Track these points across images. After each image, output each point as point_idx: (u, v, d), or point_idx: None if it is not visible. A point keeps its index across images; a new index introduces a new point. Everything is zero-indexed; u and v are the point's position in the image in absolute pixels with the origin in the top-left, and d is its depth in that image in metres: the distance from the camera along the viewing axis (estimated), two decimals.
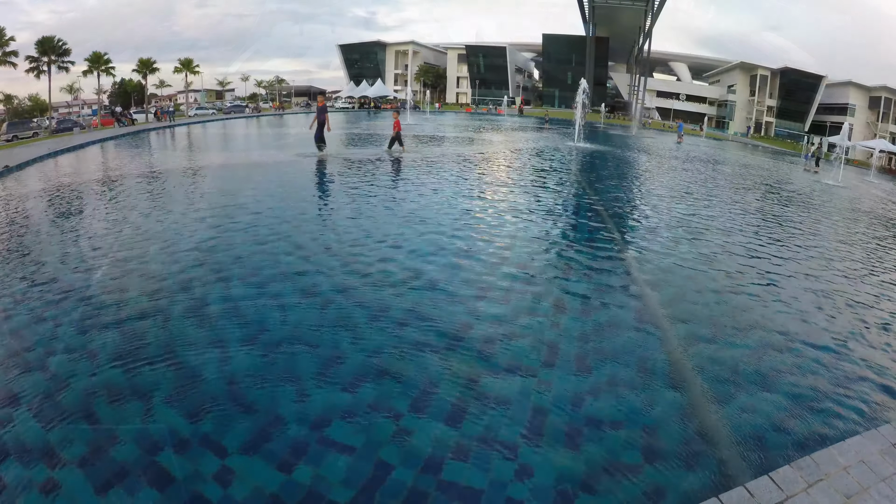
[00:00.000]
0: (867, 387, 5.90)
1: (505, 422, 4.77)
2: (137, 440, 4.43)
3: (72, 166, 23.63)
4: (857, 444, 4.39)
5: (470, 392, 5.19)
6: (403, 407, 4.95)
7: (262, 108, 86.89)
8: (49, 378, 5.32)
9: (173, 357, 5.68)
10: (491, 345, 6.17)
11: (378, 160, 22.68)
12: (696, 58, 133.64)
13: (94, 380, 5.27)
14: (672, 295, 8.22)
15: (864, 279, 10.56)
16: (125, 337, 6.13)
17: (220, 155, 26.88)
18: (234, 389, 5.14)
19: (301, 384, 5.27)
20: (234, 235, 10.41)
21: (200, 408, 4.86)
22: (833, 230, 16.09)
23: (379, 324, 6.61)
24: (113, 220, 12.08)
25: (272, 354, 5.82)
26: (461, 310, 7.09)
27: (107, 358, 5.65)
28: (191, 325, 6.46)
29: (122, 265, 8.67)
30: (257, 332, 6.31)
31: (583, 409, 5.07)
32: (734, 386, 5.62)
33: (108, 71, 58.39)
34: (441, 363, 5.71)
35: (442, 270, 8.52)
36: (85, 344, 5.98)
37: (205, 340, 6.07)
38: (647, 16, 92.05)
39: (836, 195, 25.52)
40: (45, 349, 5.92)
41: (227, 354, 5.76)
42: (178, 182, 17.84)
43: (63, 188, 16.89)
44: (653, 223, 13.78)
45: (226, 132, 44.28)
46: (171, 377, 5.32)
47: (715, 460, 4.47)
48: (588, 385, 5.48)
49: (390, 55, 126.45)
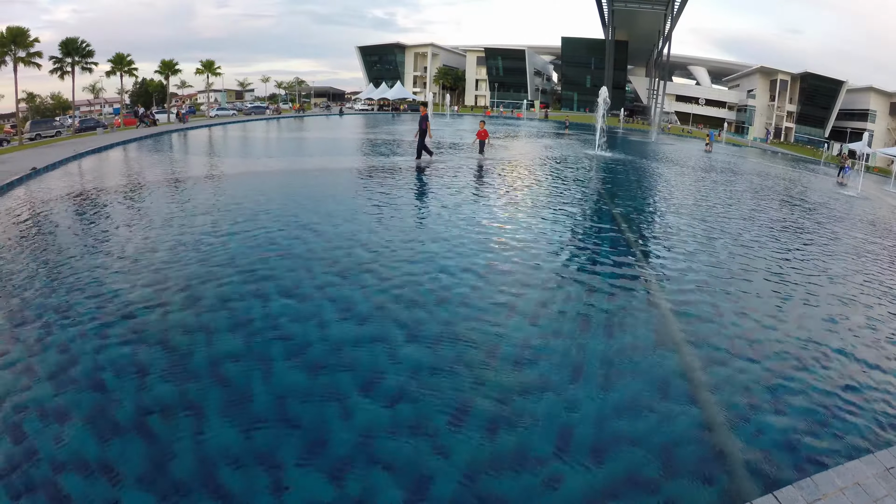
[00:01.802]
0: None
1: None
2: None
3: (107, 170, 23.88)
4: (854, 467, 4.74)
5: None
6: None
7: (281, 109, 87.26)
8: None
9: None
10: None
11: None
12: (716, 62, 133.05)
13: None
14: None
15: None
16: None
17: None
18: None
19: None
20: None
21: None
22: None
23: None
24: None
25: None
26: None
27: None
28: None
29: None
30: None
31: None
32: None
33: (131, 72, 59.14)
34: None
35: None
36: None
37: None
38: (667, 19, 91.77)
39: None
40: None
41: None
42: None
43: (119, 197, 16.49)
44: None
45: (260, 135, 44.12)
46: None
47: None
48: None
49: (409, 57, 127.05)
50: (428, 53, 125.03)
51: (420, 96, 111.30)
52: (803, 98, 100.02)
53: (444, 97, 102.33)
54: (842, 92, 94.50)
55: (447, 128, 52.56)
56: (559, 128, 64.29)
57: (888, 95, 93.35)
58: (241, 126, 53.81)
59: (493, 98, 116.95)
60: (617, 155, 36.52)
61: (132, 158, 27.83)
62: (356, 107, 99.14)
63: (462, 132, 48.03)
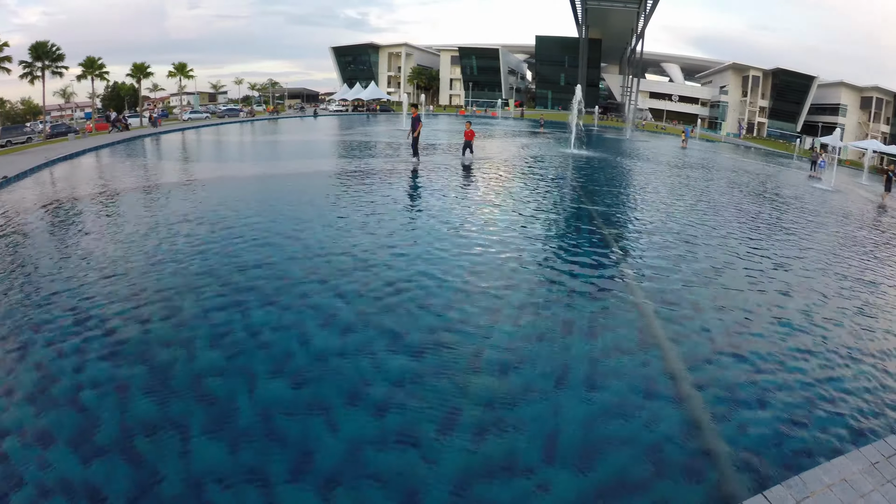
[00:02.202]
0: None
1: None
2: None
3: (80, 178, 22.84)
4: (840, 464, 4.81)
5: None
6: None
7: (255, 111, 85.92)
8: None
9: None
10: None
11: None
12: (689, 59, 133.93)
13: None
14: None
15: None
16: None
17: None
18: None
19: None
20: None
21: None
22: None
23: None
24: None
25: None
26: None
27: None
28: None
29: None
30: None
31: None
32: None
33: (102, 76, 57.81)
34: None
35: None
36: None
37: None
38: (640, 17, 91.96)
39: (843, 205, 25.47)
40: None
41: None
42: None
43: (95, 208, 15.55)
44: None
45: (234, 139, 43.13)
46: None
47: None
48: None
49: (383, 57, 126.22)
50: (402, 53, 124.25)
51: (394, 96, 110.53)
52: (775, 93, 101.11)
53: (419, 97, 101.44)
54: (813, 87, 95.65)
55: (422, 128, 52.04)
56: (534, 126, 64.00)
57: (859, 90, 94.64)
58: (215, 129, 52.50)
59: (468, 97, 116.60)
60: (593, 153, 36.20)
61: (105, 165, 26.87)
62: (330, 108, 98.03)
63: (438, 132, 47.81)
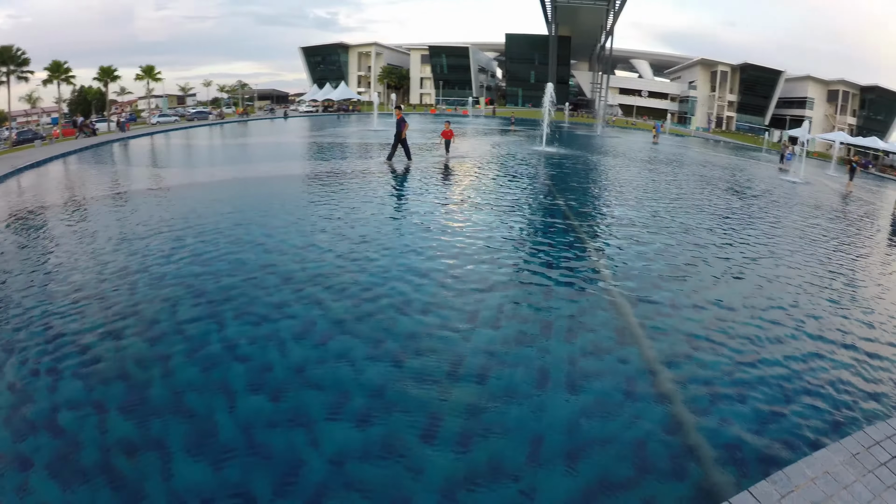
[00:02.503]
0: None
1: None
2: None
3: (49, 186, 21.63)
4: (822, 456, 4.82)
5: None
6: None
7: (225, 113, 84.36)
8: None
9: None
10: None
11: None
12: (658, 55, 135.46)
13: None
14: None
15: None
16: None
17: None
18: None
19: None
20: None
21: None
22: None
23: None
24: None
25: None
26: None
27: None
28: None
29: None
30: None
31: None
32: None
33: (69, 80, 56.58)
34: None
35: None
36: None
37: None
38: (609, 14, 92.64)
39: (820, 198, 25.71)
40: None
41: None
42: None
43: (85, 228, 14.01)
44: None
45: (204, 142, 41.58)
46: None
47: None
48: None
49: (353, 57, 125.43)
50: (372, 53, 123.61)
51: (365, 96, 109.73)
52: (743, 88, 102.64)
53: (389, 96, 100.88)
54: (780, 81, 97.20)
55: (394, 128, 51.23)
56: (505, 124, 63.88)
57: (825, 83, 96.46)
58: (185, 133, 50.84)
59: (439, 96, 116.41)
60: (565, 150, 35.98)
61: (73, 173, 25.63)
62: (300, 109, 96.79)
63: (411, 132, 47.07)
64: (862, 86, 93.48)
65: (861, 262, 13.45)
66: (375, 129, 48.73)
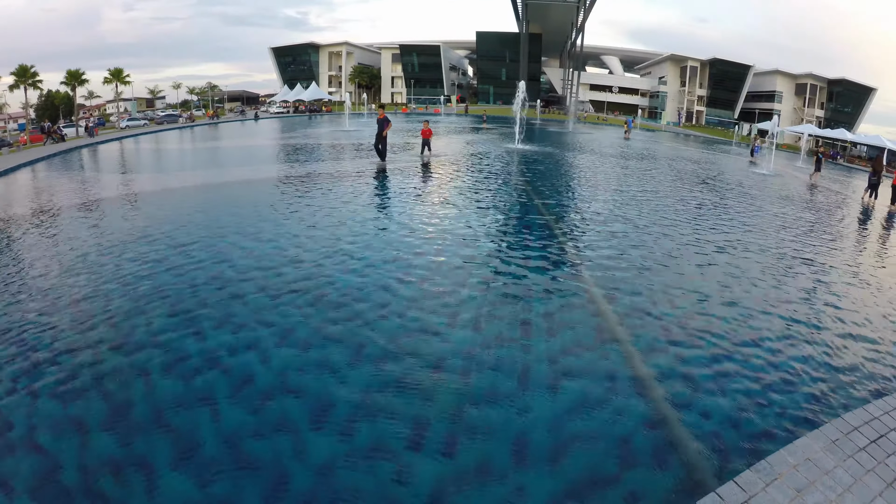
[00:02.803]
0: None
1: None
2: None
3: (17, 196, 20.50)
4: (803, 444, 4.96)
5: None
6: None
7: (195, 116, 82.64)
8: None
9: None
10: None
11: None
12: (628, 51, 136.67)
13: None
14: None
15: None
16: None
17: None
18: None
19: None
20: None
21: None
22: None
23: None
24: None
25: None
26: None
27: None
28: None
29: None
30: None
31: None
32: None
33: (36, 84, 55.52)
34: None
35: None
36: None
37: None
38: (580, 11, 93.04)
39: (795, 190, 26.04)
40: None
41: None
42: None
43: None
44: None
45: (175, 146, 40.44)
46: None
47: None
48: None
49: (324, 57, 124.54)
50: (342, 52, 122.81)
51: (336, 96, 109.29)
52: (713, 82, 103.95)
53: (361, 95, 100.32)
54: (749, 75, 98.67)
55: (366, 128, 50.73)
56: (478, 122, 63.92)
57: (793, 77, 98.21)
58: (155, 137, 49.54)
59: (410, 94, 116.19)
60: (538, 147, 35.97)
61: (42, 180, 24.62)
62: (271, 110, 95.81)
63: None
64: (829, 79, 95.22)
65: (830, 247, 13.69)
66: (347, 129, 48.47)
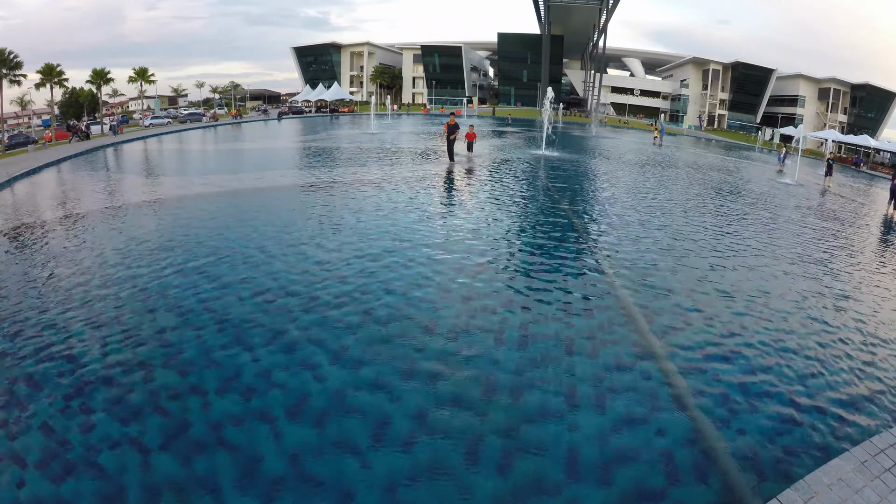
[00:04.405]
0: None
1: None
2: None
3: (45, 197, 21.02)
4: (835, 465, 5.38)
5: None
6: None
7: (218, 115, 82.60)
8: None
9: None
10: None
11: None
12: (649, 53, 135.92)
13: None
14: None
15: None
16: None
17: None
18: None
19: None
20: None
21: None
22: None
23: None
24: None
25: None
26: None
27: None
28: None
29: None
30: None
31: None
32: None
33: (62, 83, 56.56)
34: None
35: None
36: None
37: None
38: (602, 13, 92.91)
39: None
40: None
41: None
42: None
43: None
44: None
45: (200, 147, 40.76)
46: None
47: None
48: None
49: (345, 57, 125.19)
50: (364, 52, 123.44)
51: (357, 96, 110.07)
52: (735, 86, 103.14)
53: (385, 97, 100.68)
54: (772, 79, 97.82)
55: (389, 130, 50.55)
56: (502, 124, 64.34)
57: (816, 81, 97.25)
58: (179, 137, 49.90)
59: (431, 95, 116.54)
60: (567, 154, 35.49)
61: (68, 182, 25.04)
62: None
63: (404, 134, 47.12)
64: (853, 83, 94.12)
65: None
66: (372, 131, 47.73)
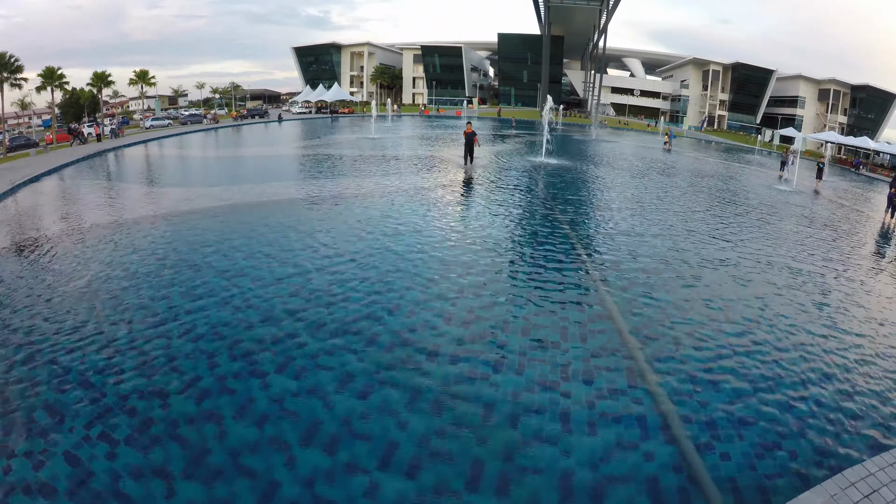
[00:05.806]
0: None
1: None
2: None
3: (51, 209, 20.35)
4: (805, 499, 5.40)
5: None
6: None
7: (218, 116, 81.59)
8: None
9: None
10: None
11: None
12: (650, 53, 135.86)
13: None
14: None
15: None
16: None
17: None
18: None
19: None
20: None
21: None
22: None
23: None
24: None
25: None
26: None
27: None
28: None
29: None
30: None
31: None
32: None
33: (62, 86, 56.51)
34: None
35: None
36: None
37: None
38: (602, 14, 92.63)
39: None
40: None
41: None
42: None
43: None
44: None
45: (201, 152, 39.97)
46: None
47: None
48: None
49: (345, 57, 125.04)
50: (364, 52, 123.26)
51: (357, 96, 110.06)
52: (735, 87, 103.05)
53: (385, 98, 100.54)
54: (772, 80, 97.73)
55: (390, 133, 49.98)
56: (505, 126, 64.98)
57: (816, 82, 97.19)
58: (180, 140, 49.08)
59: (431, 95, 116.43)
60: (571, 163, 34.34)
61: (72, 191, 24.23)
62: (293, 110, 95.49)
63: (404, 139, 46.68)
64: (853, 85, 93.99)
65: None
66: (373, 136, 46.17)
